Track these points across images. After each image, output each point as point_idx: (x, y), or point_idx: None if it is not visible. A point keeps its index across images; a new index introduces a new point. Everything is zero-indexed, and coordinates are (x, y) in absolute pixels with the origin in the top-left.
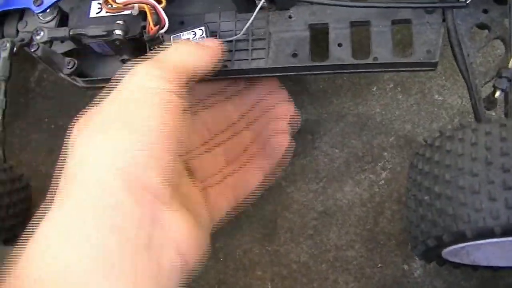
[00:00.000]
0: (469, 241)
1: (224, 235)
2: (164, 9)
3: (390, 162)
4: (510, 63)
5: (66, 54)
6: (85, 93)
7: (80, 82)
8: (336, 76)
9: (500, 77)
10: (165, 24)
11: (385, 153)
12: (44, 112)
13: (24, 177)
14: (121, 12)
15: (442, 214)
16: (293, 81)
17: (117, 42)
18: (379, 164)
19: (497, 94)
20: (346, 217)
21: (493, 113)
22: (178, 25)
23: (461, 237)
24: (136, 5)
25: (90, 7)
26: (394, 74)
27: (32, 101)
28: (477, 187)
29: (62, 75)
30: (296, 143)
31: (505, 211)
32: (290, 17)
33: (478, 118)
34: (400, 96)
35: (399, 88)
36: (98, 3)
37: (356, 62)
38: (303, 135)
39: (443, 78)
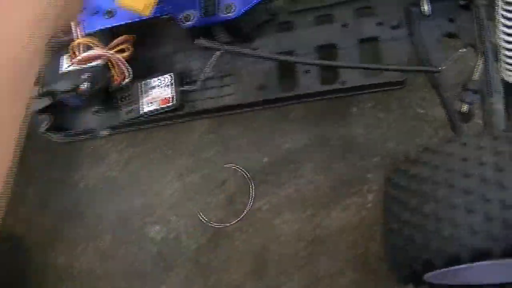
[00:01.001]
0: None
1: (214, 272)
2: (131, 55)
3: (375, 183)
4: (475, 74)
5: (44, 110)
6: (80, 146)
7: (54, 138)
8: (314, 102)
9: (466, 90)
10: (127, 76)
11: (370, 175)
12: (37, 165)
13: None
14: (88, 63)
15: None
16: (273, 109)
17: (85, 95)
18: (365, 186)
19: (464, 108)
20: (336, 244)
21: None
22: (148, 69)
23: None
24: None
25: (61, 62)
26: (377, 94)
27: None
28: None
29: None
30: (280, 173)
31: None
32: (255, 49)
33: (454, 132)
34: (381, 114)
35: (379, 106)
36: (67, 58)
37: (324, 89)
38: (286, 165)
39: (424, 90)
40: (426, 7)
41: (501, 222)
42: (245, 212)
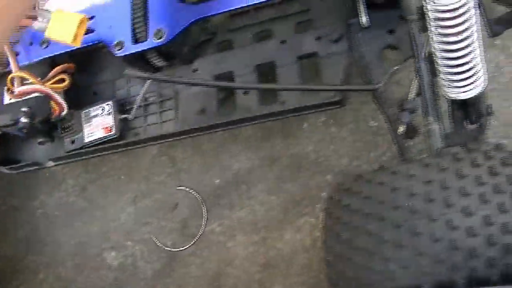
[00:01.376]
0: None
1: None
2: (73, 82)
3: None
4: (411, 92)
5: None
6: (36, 174)
7: (4, 170)
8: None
9: (402, 110)
10: (63, 109)
11: (324, 193)
12: None
13: None
14: (26, 96)
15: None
16: (221, 132)
17: (25, 128)
18: (318, 206)
19: (401, 129)
20: (290, 267)
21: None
22: (92, 96)
23: None
24: None
25: (3, 95)
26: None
27: None
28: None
29: None
30: (231, 195)
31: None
32: (195, 70)
33: (398, 151)
34: (333, 129)
35: (331, 121)
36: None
37: (264, 112)
38: (237, 186)
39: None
40: (364, 19)
41: (431, 257)
42: (198, 236)
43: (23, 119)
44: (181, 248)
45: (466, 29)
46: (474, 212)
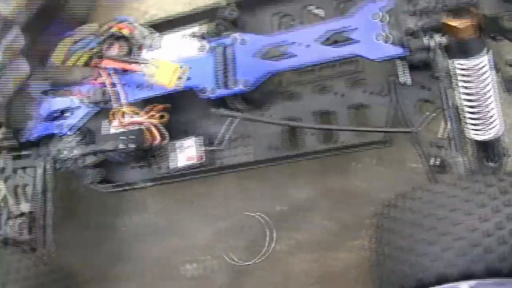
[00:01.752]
0: None
1: None
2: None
3: (373, 228)
4: (440, 133)
5: (92, 165)
6: (124, 194)
7: (101, 189)
8: (322, 158)
9: (432, 146)
10: (162, 138)
11: (367, 221)
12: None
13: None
14: (131, 127)
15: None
16: (285, 167)
17: (132, 153)
18: (364, 231)
19: (431, 162)
20: (342, 280)
21: None
22: (179, 131)
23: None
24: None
25: (105, 126)
26: (374, 150)
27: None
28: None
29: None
30: (293, 219)
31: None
32: (266, 115)
33: (431, 181)
34: (382, 168)
35: (379, 162)
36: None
37: (324, 147)
38: (298, 213)
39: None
40: (405, 78)
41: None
42: (264, 253)
43: (126, 146)
44: (249, 263)
45: (483, 85)
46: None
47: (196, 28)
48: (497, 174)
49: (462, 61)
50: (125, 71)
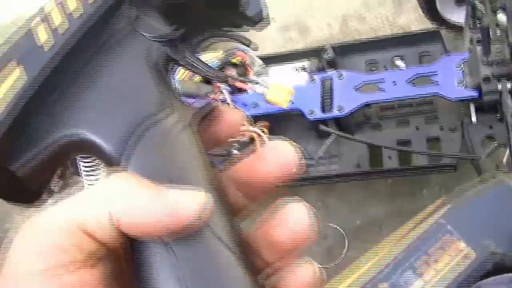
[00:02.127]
0: None
1: None
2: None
3: None
4: (504, 159)
5: None
6: None
7: None
8: (395, 183)
9: (497, 169)
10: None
11: None
12: None
13: None
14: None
15: None
16: (362, 186)
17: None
18: None
19: None
20: None
21: None
22: None
23: None
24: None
25: None
26: (441, 179)
27: None
28: None
29: None
30: (367, 232)
31: None
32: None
33: None
34: (444, 196)
35: (443, 190)
36: None
37: (401, 167)
38: (372, 227)
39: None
40: (474, 118)
41: None
42: (340, 259)
43: (235, 151)
44: (327, 266)
45: None
46: None
47: (299, 63)
48: None
49: None
50: (239, 90)
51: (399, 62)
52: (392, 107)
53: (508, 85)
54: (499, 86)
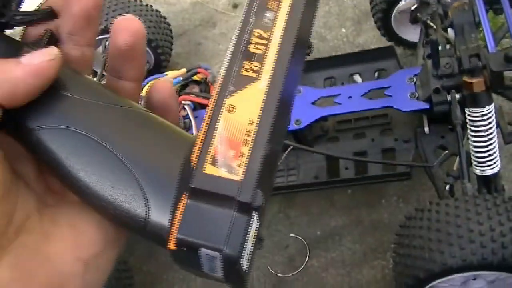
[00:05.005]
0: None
1: None
2: None
3: None
4: (454, 167)
5: None
6: None
7: None
8: (355, 194)
9: (448, 175)
10: None
11: (392, 245)
12: None
13: None
14: None
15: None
16: (322, 197)
17: None
18: (388, 253)
19: (447, 187)
20: None
21: None
22: None
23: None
24: None
25: None
26: (398, 189)
27: None
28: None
29: None
30: (328, 242)
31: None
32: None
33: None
34: (402, 205)
35: (401, 200)
36: None
37: (357, 176)
38: (332, 237)
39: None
40: (427, 129)
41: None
42: (301, 268)
43: None
44: (288, 275)
45: (489, 129)
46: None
47: None
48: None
49: (474, 110)
50: (201, 106)
51: (356, 78)
52: (348, 121)
53: (457, 96)
54: (449, 97)
